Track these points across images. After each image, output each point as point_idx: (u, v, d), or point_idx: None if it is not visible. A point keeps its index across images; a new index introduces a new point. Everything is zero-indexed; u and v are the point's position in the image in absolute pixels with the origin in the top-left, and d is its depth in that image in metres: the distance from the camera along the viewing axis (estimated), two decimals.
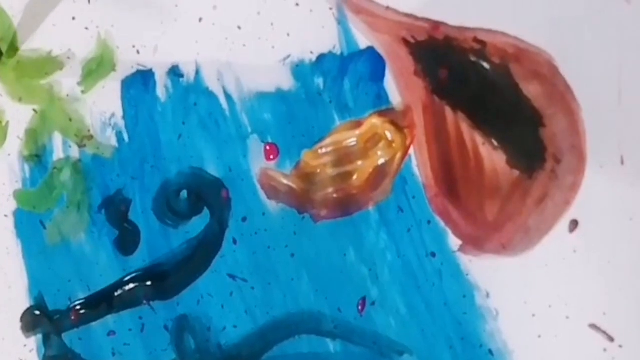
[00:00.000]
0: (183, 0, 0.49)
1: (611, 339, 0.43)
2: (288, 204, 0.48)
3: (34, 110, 0.52)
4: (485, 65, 0.44)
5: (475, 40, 0.44)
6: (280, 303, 0.48)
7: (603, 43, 0.42)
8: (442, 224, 0.45)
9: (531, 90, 0.44)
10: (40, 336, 0.50)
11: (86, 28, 0.51)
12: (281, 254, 0.48)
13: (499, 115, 0.44)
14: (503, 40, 0.44)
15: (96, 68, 0.51)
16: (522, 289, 0.44)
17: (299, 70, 0.48)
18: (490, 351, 0.44)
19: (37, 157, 0.51)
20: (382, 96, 0.47)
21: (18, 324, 0.50)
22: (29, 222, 0.51)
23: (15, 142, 0.52)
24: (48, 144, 0.51)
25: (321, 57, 0.47)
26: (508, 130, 0.44)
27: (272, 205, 0.48)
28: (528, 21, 0.43)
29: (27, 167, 0.52)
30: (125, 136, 0.50)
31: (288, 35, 0.48)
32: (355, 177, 0.47)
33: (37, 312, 0.50)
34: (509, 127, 0.44)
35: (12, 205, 0.51)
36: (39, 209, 0.51)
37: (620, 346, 0.42)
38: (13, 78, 0.52)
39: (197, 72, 0.49)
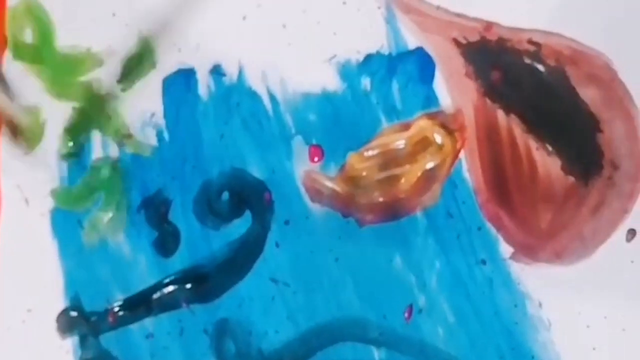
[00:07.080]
0: None
1: None
2: (332, 208, 0.47)
3: (73, 107, 0.51)
4: (540, 67, 0.43)
5: (530, 41, 0.43)
6: (323, 308, 0.47)
7: None
8: (493, 230, 0.44)
9: (588, 94, 0.43)
10: (76, 338, 0.49)
11: (127, 24, 0.50)
12: (325, 259, 0.47)
13: (554, 119, 0.43)
14: (559, 42, 0.43)
15: (136, 66, 0.50)
16: (576, 299, 0.43)
17: (345, 70, 0.47)
18: None
19: (75, 155, 0.51)
20: (431, 98, 0.46)
21: (54, 325, 0.49)
22: (66, 222, 0.50)
23: (53, 140, 0.51)
24: (86, 143, 0.51)
25: (368, 57, 0.47)
26: (563, 135, 0.43)
27: (315, 209, 0.47)
28: (585, 23, 0.42)
29: (64, 166, 0.51)
30: (166, 135, 0.49)
31: (334, 34, 0.47)
32: (402, 181, 0.46)
33: (74, 313, 0.49)
34: (564, 131, 0.43)
35: (49, 204, 0.50)
36: (77, 208, 0.50)
37: None
38: (51, 75, 0.51)
39: (240, 72, 0.48)
